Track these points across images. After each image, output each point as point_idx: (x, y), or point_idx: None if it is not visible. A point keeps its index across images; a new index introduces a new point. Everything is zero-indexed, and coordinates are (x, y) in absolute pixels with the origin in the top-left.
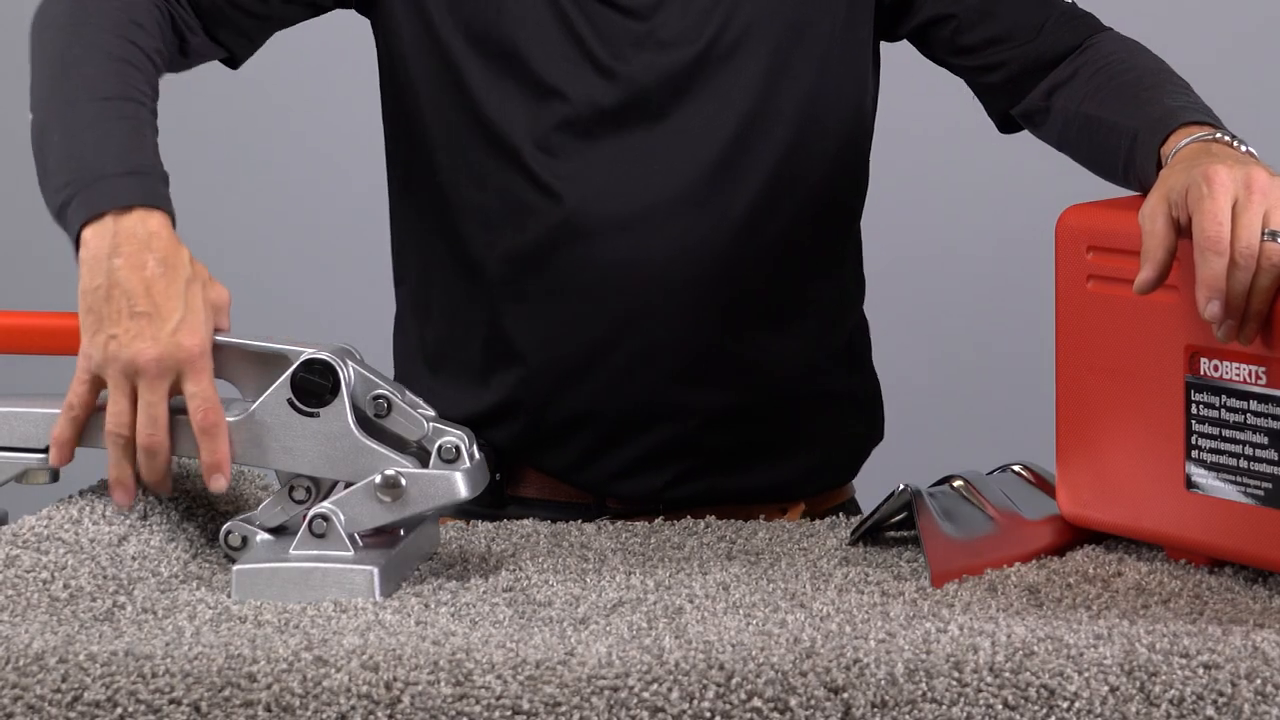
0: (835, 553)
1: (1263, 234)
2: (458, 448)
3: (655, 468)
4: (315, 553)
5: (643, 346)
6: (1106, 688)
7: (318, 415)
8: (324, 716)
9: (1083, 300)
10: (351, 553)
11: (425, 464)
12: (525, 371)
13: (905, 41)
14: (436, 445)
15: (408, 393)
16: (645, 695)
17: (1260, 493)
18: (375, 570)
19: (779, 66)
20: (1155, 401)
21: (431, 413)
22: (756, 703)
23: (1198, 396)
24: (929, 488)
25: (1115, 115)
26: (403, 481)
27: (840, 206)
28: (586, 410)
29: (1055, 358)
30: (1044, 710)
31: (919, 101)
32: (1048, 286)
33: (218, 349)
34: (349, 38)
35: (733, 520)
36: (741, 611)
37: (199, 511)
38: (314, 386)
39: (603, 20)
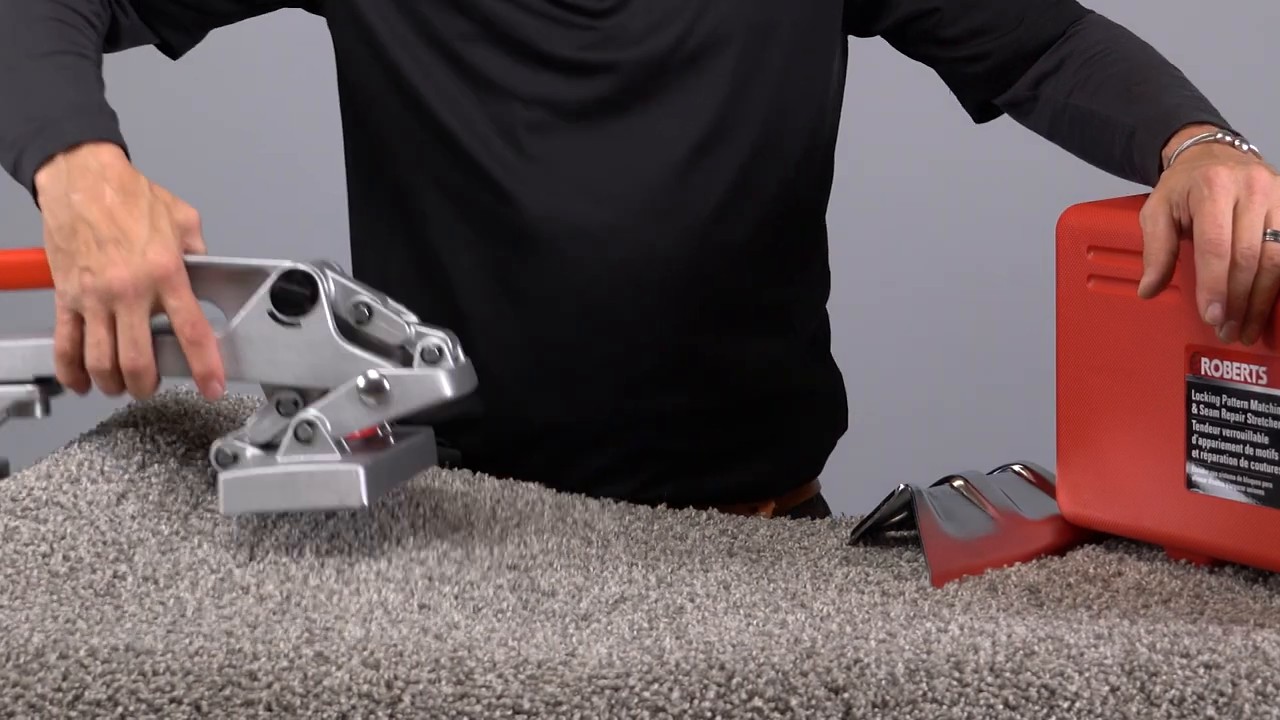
0: (835, 552)
1: (1265, 234)
2: (440, 348)
3: (625, 474)
4: (302, 458)
5: (609, 354)
6: (1107, 688)
7: (299, 325)
8: (325, 716)
9: (1083, 300)
10: (339, 456)
11: (409, 367)
12: (490, 381)
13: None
14: (419, 347)
15: (389, 300)
16: (646, 695)
17: (1261, 492)
18: (361, 469)
19: (746, 70)
20: (1156, 401)
21: (414, 318)
22: (757, 702)
23: (1198, 396)
24: (929, 487)
25: (1108, 110)
26: (386, 384)
27: (806, 206)
28: (554, 419)
29: (1056, 357)
30: (1045, 710)
31: (922, 96)
32: (1048, 286)
33: (194, 269)
34: (314, 35)
35: (734, 515)
36: (742, 611)
37: (197, 455)
38: (293, 296)
39: (560, 22)
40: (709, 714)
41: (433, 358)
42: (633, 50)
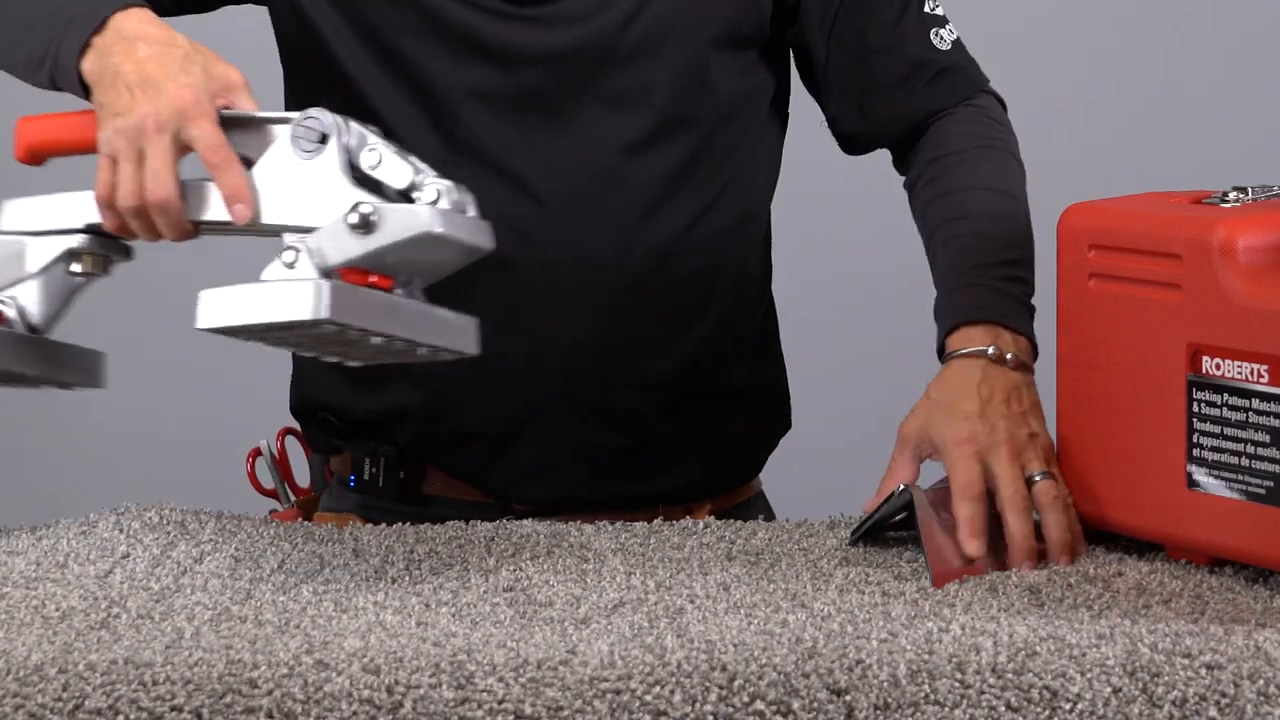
0: (835, 553)
1: (1030, 479)
2: (440, 191)
3: (558, 473)
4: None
5: (540, 350)
6: (1109, 689)
7: (312, 160)
8: None
9: (1084, 298)
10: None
11: None
12: (423, 374)
13: None
14: (421, 189)
15: (413, 157)
16: (648, 698)
17: (1261, 491)
18: (326, 284)
19: (684, 68)
20: (1157, 400)
21: (429, 169)
22: (759, 705)
23: (1199, 395)
24: (929, 488)
25: (930, 249)
26: (374, 217)
27: (747, 206)
28: (485, 414)
29: (1056, 356)
30: (1047, 712)
31: None
32: (1049, 284)
33: (229, 122)
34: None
35: (732, 520)
36: (743, 611)
37: (180, 542)
38: (308, 133)
39: (494, 11)
40: (711, 717)
41: (431, 199)
42: (567, 38)
